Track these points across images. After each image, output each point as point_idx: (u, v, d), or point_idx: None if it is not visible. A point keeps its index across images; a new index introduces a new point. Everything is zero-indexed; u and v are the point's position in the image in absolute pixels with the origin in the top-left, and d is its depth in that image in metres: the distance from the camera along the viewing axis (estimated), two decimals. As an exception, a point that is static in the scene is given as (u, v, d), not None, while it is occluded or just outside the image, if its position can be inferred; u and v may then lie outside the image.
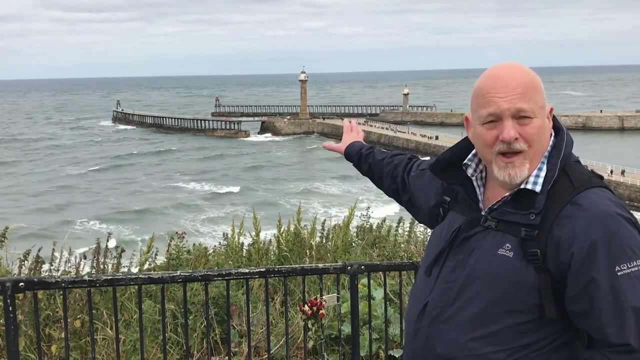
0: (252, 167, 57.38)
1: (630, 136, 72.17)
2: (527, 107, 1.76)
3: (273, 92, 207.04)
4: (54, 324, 4.38)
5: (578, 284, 1.70)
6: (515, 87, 1.75)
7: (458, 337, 1.81)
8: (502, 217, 1.82)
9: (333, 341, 4.51)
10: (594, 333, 1.72)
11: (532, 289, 1.74)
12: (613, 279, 1.66)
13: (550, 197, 1.76)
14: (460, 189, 1.97)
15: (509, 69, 1.80)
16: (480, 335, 1.78)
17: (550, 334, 1.77)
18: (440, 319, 1.86)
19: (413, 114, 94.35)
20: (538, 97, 1.78)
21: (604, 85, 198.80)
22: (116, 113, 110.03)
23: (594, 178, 1.80)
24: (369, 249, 6.45)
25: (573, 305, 1.72)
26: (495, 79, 1.79)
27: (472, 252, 1.84)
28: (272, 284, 5.28)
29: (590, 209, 1.70)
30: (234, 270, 3.46)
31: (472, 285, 1.81)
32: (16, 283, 3.03)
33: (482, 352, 1.77)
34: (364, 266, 3.68)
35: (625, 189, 40.77)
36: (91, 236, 16.75)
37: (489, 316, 1.77)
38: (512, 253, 1.76)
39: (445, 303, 1.86)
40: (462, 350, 1.80)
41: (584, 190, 1.74)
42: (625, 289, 1.66)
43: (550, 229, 1.73)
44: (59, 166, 59.41)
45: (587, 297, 1.69)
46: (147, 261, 5.43)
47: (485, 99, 1.79)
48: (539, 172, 1.80)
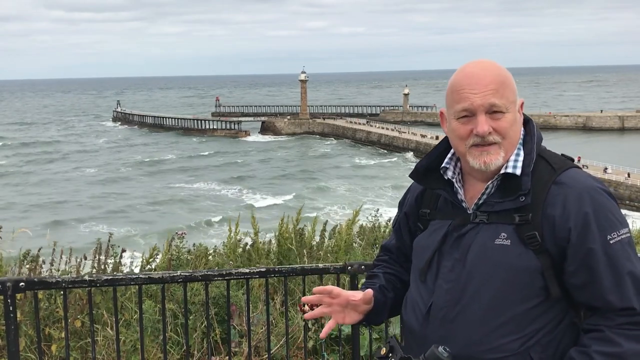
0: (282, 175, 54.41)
1: (631, 136, 72.18)
2: (499, 102, 1.82)
3: (273, 92, 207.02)
4: (54, 324, 4.39)
5: (577, 257, 1.77)
6: (488, 84, 1.82)
7: (472, 334, 1.82)
8: (491, 209, 1.86)
9: (333, 341, 4.51)
10: (596, 302, 1.78)
11: (535, 271, 1.78)
12: (607, 247, 1.75)
13: (535, 180, 1.83)
14: (443, 192, 1.98)
15: (482, 66, 1.86)
16: (493, 327, 1.80)
17: (556, 315, 1.82)
18: (448, 319, 1.86)
19: (413, 114, 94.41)
20: (509, 92, 1.84)
21: (603, 86, 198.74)
22: (116, 113, 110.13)
23: (568, 160, 1.90)
24: (369, 249, 6.46)
25: (574, 278, 1.79)
26: (469, 75, 1.85)
27: (469, 248, 1.86)
28: (272, 284, 5.28)
29: (576, 185, 1.80)
30: (234, 270, 3.46)
31: (475, 280, 1.83)
32: (16, 283, 3.04)
33: (496, 344, 1.79)
34: (364, 266, 3.68)
35: (625, 189, 40.77)
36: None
37: (497, 307, 1.80)
38: (509, 241, 1.81)
39: (450, 302, 1.86)
40: (478, 346, 1.81)
41: (564, 171, 1.84)
42: (619, 255, 1.76)
43: (542, 210, 1.79)
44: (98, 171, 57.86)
45: (587, 268, 1.76)
46: (153, 259, 5.44)
47: (459, 95, 1.85)
48: (516, 157, 1.87)
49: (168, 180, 51.55)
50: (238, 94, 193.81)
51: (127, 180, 52.18)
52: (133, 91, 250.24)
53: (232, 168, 57.10)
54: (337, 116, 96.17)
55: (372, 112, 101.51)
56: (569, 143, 59.03)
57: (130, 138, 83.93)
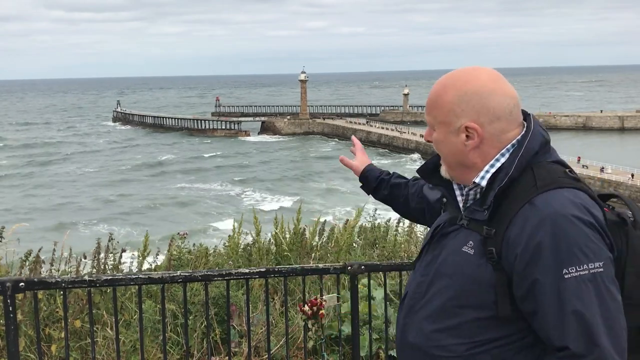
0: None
1: (631, 136, 72.16)
2: (428, 119, 1.95)
3: (273, 92, 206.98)
4: (54, 324, 4.39)
5: (523, 285, 1.73)
6: (427, 101, 1.95)
7: (424, 327, 1.90)
8: (471, 216, 1.88)
9: (333, 341, 4.51)
10: (541, 334, 1.74)
11: (489, 286, 1.78)
12: (559, 281, 1.67)
13: (513, 196, 1.78)
14: (443, 190, 2.06)
15: (437, 82, 1.94)
16: (443, 327, 1.86)
17: (513, 332, 1.79)
18: (413, 309, 1.96)
19: (413, 114, 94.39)
20: (437, 112, 1.90)
21: (605, 86, 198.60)
22: (116, 113, 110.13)
23: (565, 179, 1.78)
24: (369, 249, 6.45)
25: (522, 304, 1.75)
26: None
27: (443, 248, 1.93)
28: (272, 284, 5.28)
29: (543, 210, 1.71)
30: (234, 270, 3.47)
31: (439, 279, 1.89)
32: (16, 283, 3.03)
33: (443, 343, 1.85)
34: (364, 266, 3.68)
35: (625, 189, 40.76)
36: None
37: (450, 309, 1.85)
38: (473, 250, 1.82)
39: (418, 295, 1.95)
40: (427, 340, 1.89)
41: (547, 191, 1.74)
42: (570, 292, 1.66)
43: (506, 228, 1.76)
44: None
45: (533, 298, 1.72)
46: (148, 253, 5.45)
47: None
48: (490, 167, 1.85)
49: (170, 181, 51.53)
50: (238, 94, 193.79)
51: (127, 181, 52.11)
52: (133, 91, 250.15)
53: (235, 169, 57.02)
54: (337, 116, 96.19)
55: (372, 112, 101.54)
56: (569, 143, 59.03)
57: (130, 138, 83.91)
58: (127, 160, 63.54)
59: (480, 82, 1.84)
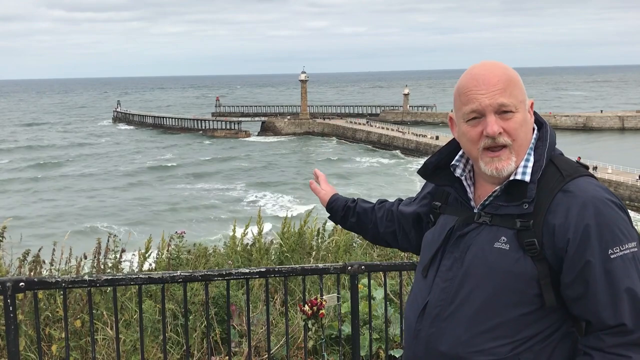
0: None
1: (631, 136, 72.13)
2: (508, 101, 1.81)
3: (273, 92, 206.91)
4: (54, 324, 4.39)
5: (574, 269, 1.73)
6: (495, 84, 1.81)
7: (460, 334, 1.82)
8: (495, 212, 1.85)
9: (333, 341, 4.51)
10: (590, 317, 1.75)
11: (531, 279, 1.77)
12: (606, 261, 1.71)
13: (541, 187, 1.81)
14: (451, 190, 2.00)
15: (488, 66, 1.85)
16: (483, 330, 1.80)
17: (551, 324, 1.80)
18: (441, 317, 1.88)
19: (413, 114, 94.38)
20: (518, 92, 1.83)
21: (606, 87, 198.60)
22: (117, 113, 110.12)
23: (581, 168, 1.86)
24: (369, 249, 6.45)
25: (569, 290, 1.76)
26: (476, 77, 1.84)
27: (468, 248, 1.87)
28: (272, 284, 5.28)
29: (581, 195, 1.75)
30: (234, 270, 3.46)
31: (471, 280, 1.84)
32: (16, 283, 3.04)
33: (485, 347, 1.79)
34: (364, 266, 3.68)
35: (625, 189, 40.75)
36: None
37: (489, 310, 1.80)
38: (508, 245, 1.80)
39: (445, 301, 1.88)
40: (465, 346, 1.81)
41: (573, 179, 1.79)
42: (619, 271, 1.71)
43: (544, 217, 1.77)
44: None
45: (583, 281, 1.73)
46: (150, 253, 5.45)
47: (467, 96, 1.84)
48: (526, 162, 1.85)
49: (172, 183, 51.38)
50: (238, 94, 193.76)
51: (127, 181, 52.09)
52: (134, 91, 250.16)
53: (237, 170, 56.97)
54: (337, 116, 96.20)
55: (372, 112, 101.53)
56: (569, 143, 59.00)
57: (130, 139, 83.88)
58: (126, 160, 63.50)
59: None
